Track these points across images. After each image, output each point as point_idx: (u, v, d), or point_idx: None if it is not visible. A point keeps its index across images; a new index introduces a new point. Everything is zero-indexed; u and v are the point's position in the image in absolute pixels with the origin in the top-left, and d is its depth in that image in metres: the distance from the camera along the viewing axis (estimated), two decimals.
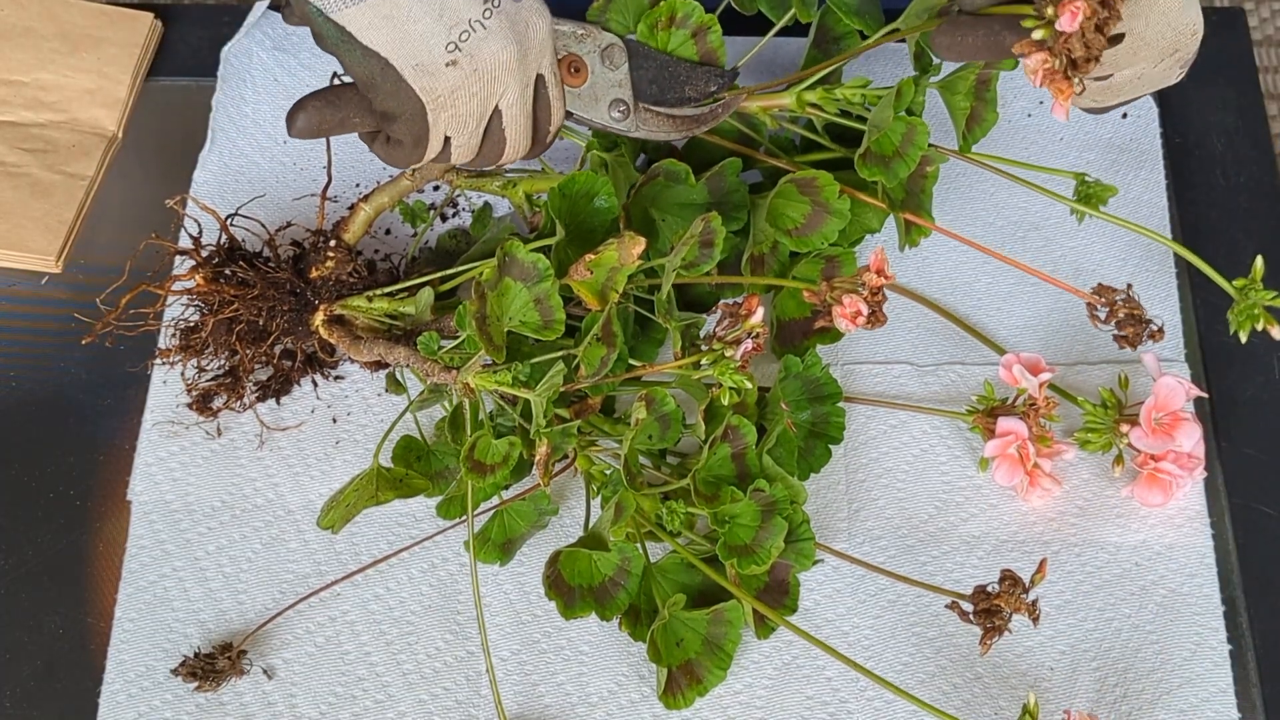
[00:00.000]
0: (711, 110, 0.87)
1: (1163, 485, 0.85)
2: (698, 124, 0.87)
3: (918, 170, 0.91)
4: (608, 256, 0.80)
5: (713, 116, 0.87)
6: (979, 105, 0.90)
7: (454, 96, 0.76)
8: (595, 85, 0.84)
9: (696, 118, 0.87)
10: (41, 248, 0.97)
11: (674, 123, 0.87)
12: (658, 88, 0.86)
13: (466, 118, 0.77)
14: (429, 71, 0.74)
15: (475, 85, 0.76)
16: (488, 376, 0.79)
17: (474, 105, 0.77)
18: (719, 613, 0.80)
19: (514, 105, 0.79)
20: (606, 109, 0.85)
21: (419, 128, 0.77)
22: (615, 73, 0.84)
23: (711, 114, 0.87)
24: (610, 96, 0.85)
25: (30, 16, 1.06)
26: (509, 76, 0.77)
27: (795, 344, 0.91)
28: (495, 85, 0.77)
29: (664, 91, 0.86)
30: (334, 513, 0.82)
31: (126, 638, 0.84)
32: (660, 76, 0.86)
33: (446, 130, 0.78)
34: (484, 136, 0.80)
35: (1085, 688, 0.82)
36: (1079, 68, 0.69)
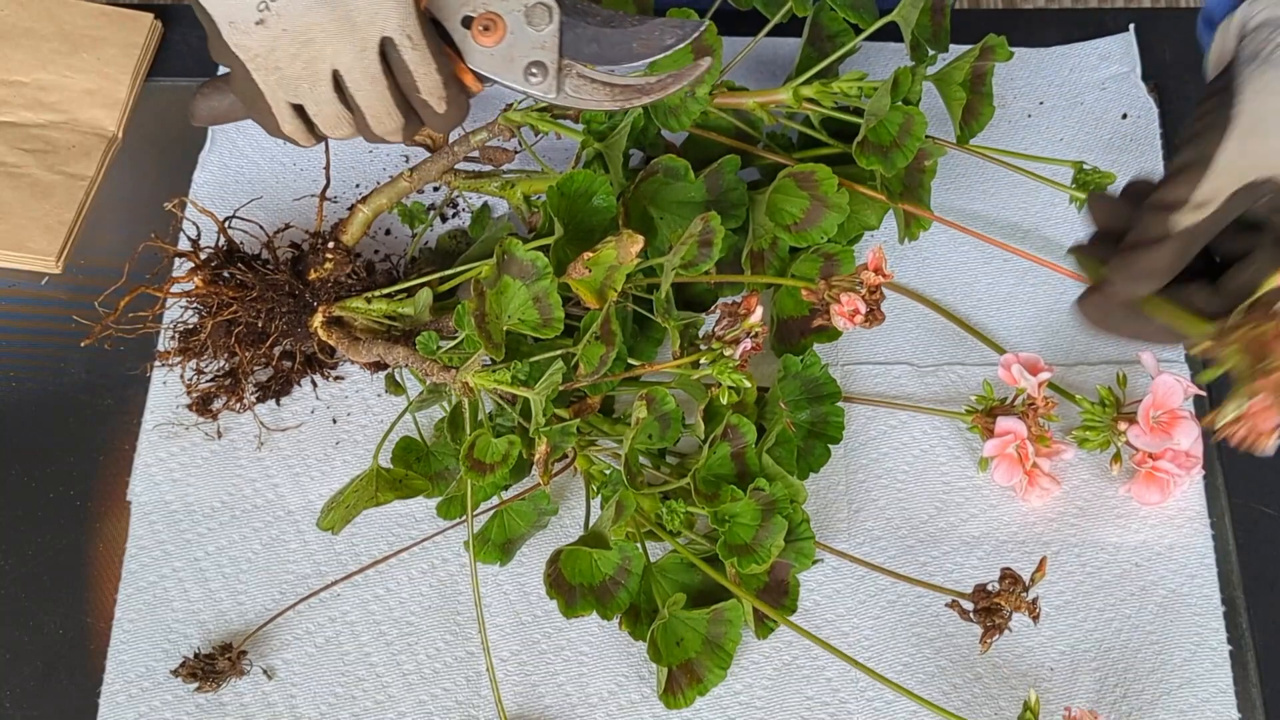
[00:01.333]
0: (660, 80, 0.80)
1: (1160, 484, 0.85)
2: (641, 94, 0.80)
3: (915, 164, 0.91)
4: (606, 255, 0.80)
5: (659, 86, 0.80)
6: (975, 98, 0.90)
7: (271, 57, 0.73)
8: (513, 45, 0.78)
9: (640, 87, 0.80)
10: (41, 248, 0.97)
11: (610, 90, 0.79)
12: (599, 46, 0.79)
13: (297, 81, 0.74)
14: (241, 29, 0.72)
15: (290, 46, 0.73)
16: (487, 375, 0.79)
17: (298, 68, 0.74)
18: (719, 612, 0.80)
19: (353, 69, 0.74)
20: (522, 71, 0.78)
21: (250, 87, 0.75)
22: (539, 32, 0.78)
23: (659, 84, 0.80)
24: (528, 58, 0.78)
25: (30, 16, 1.06)
26: (328, 38, 0.73)
27: (794, 342, 0.91)
28: (314, 47, 0.73)
29: (608, 49, 0.79)
30: (334, 513, 0.82)
31: (126, 638, 0.84)
32: (604, 32, 0.79)
33: (286, 96, 0.75)
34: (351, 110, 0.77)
35: (1085, 688, 0.82)
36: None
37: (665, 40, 0.79)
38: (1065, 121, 1.03)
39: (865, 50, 1.02)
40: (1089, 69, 1.05)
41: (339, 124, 0.78)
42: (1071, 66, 1.05)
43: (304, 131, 0.78)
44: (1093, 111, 1.03)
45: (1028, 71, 1.05)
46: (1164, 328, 0.70)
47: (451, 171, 0.92)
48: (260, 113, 0.77)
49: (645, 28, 0.79)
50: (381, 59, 0.75)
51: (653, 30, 0.79)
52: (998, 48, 0.89)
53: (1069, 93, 1.04)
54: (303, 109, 0.77)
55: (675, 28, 0.79)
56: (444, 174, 0.91)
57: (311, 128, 0.78)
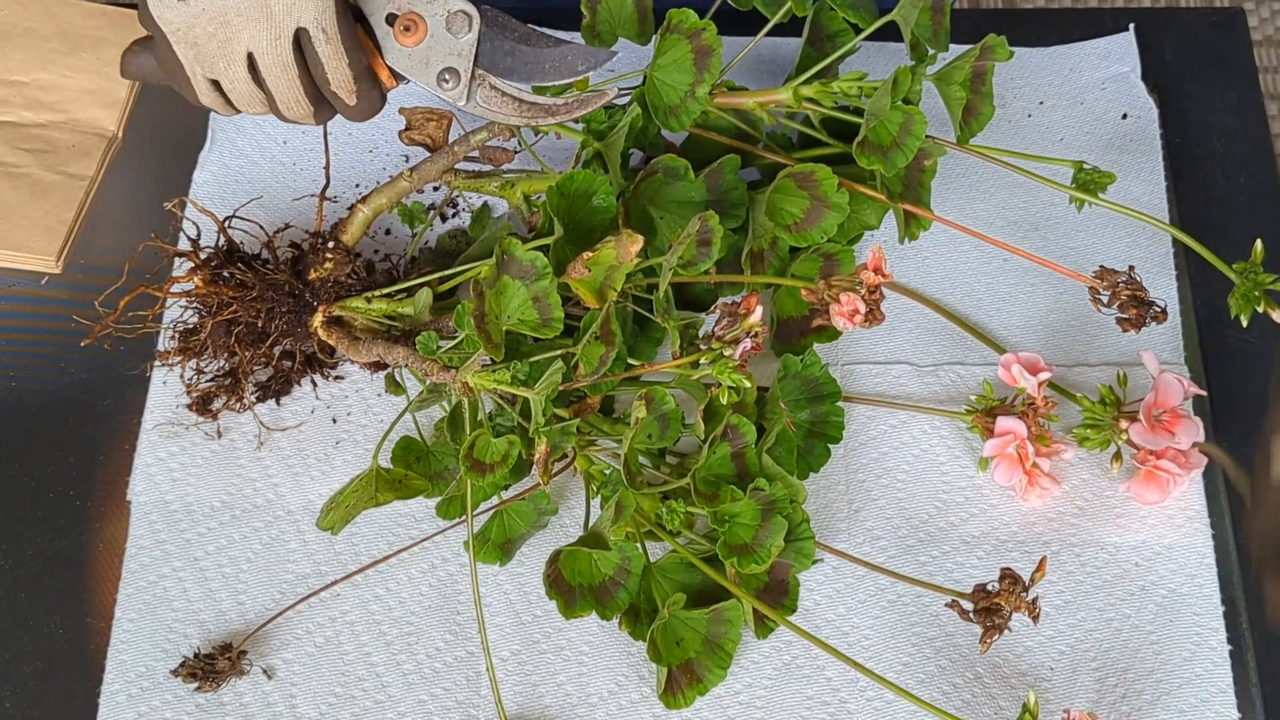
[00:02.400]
0: (566, 102, 0.82)
1: (1160, 483, 0.85)
2: (547, 113, 0.82)
3: (915, 163, 0.91)
4: (606, 254, 0.80)
5: (565, 109, 0.82)
6: (975, 98, 0.90)
7: (190, 33, 0.76)
8: (430, 49, 0.80)
9: (547, 107, 0.82)
10: (41, 248, 0.97)
11: (519, 106, 0.82)
12: (513, 61, 0.81)
13: (213, 59, 0.77)
14: (164, 2, 0.75)
15: (208, 25, 0.75)
16: (486, 375, 0.79)
17: (214, 46, 0.76)
18: (719, 612, 0.80)
19: (266, 54, 0.77)
20: (435, 76, 0.80)
21: (171, 58, 0.77)
22: (457, 40, 0.80)
23: (565, 106, 0.82)
24: (443, 64, 0.80)
25: (30, 16, 1.06)
26: (245, 22, 0.75)
27: (794, 341, 0.91)
28: (230, 29, 0.75)
29: (522, 66, 0.81)
30: (334, 513, 0.82)
31: (126, 638, 0.84)
32: (520, 49, 0.81)
33: (203, 71, 0.78)
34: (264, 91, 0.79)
35: (1085, 688, 0.82)
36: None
37: (576, 66, 0.82)
38: (1065, 121, 1.03)
39: (865, 50, 1.02)
40: (1089, 69, 1.05)
41: (253, 103, 0.80)
42: (1071, 66, 1.05)
43: (222, 104, 0.81)
44: (1093, 111, 1.03)
45: (1028, 71, 1.05)
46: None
47: (451, 171, 0.92)
48: (179, 83, 0.80)
49: (559, 51, 0.81)
50: (295, 48, 0.77)
51: (565, 54, 0.81)
52: (998, 47, 0.89)
53: (1069, 93, 1.04)
54: (219, 84, 0.79)
55: (588, 55, 0.82)
56: (444, 174, 0.91)
57: (228, 101, 0.80)
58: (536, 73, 0.82)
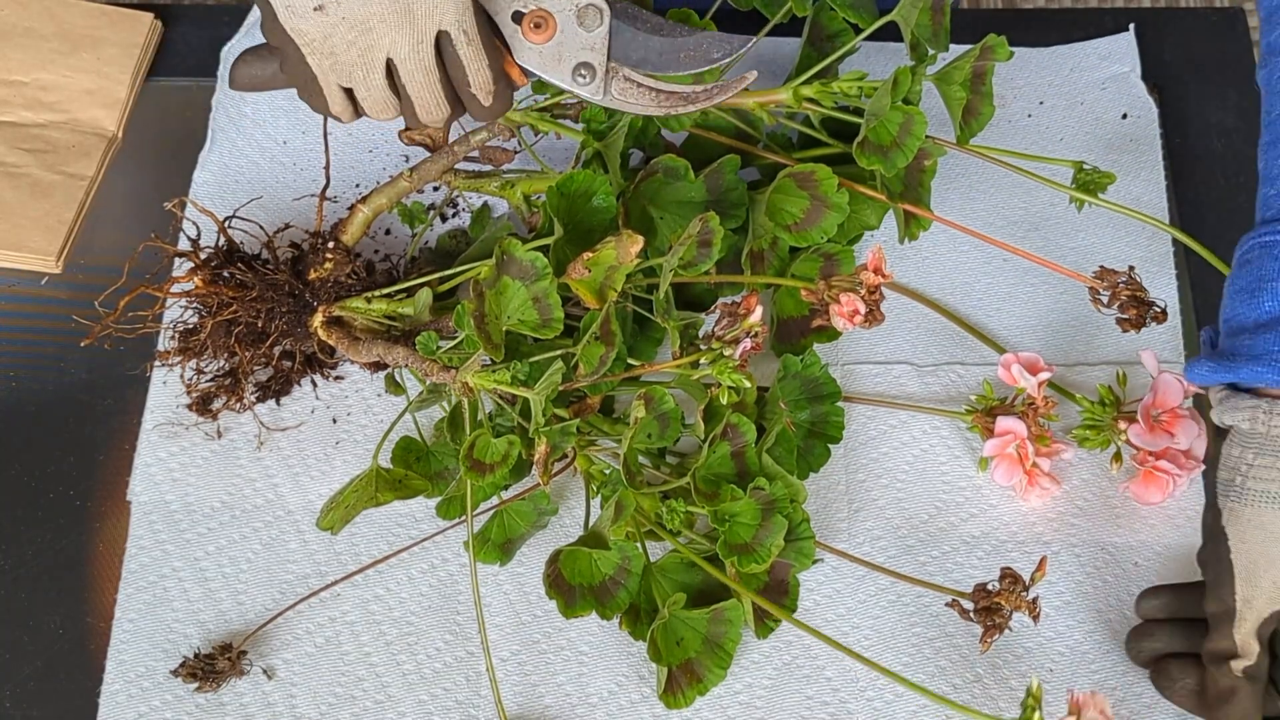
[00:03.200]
0: (706, 90, 0.81)
1: (1160, 483, 0.85)
2: (685, 101, 0.81)
3: (915, 163, 0.91)
4: (606, 255, 0.80)
5: (705, 96, 0.81)
6: (975, 98, 0.90)
7: (327, 43, 0.74)
8: (562, 44, 0.78)
9: (686, 95, 0.81)
10: (41, 248, 0.97)
11: (656, 96, 0.81)
12: (650, 51, 0.80)
13: (351, 67, 0.75)
14: (298, 13, 0.73)
15: (348, 34, 0.73)
16: (486, 375, 0.79)
17: (353, 55, 0.74)
18: (719, 612, 0.80)
19: (408, 60, 0.75)
20: (570, 71, 0.79)
21: (304, 71, 0.76)
22: (589, 34, 0.79)
23: (705, 93, 0.81)
24: (577, 59, 0.79)
25: (30, 16, 1.06)
26: (387, 28, 0.73)
27: (794, 342, 0.91)
28: (372, 36, 0.74)
29: (656, 56, 0.80)
30: (333, 513, 0.82)
31: (126, 638, 0.84)
32: (654, 39, 0.80)
33: (338, 80, 0.76)
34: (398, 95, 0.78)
35: (1085, 688, 0.82)
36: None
37: (712, 54, 0.80)
38: (1065, 121, 1.03)
39: (865, 50, 1.02)
40: (1089, 69, 1.05)
41: (385, 109, 0.78)
42: (1071, 66, 1.05)
43: (350, 111, 0.79)
44: (1093, 111, 1.03)
45: (1028, 71, 1.05)
46: None
47: (451, 171, 0.92)
48: (311, 95, 0.78)
49: (693, 39, 0.80)
50: (435, 51, 0.75)
51: (700, 43, 0.80)
52: (998, 47, 0.89)
53: (1069, 93, 1.04)
54: (352, 92, 0.77)
55: (723, 42, 0.80)
56: (444, 174, 0.91)
57: (357, 108, 0.79)
58: (671, 63, 0.80)
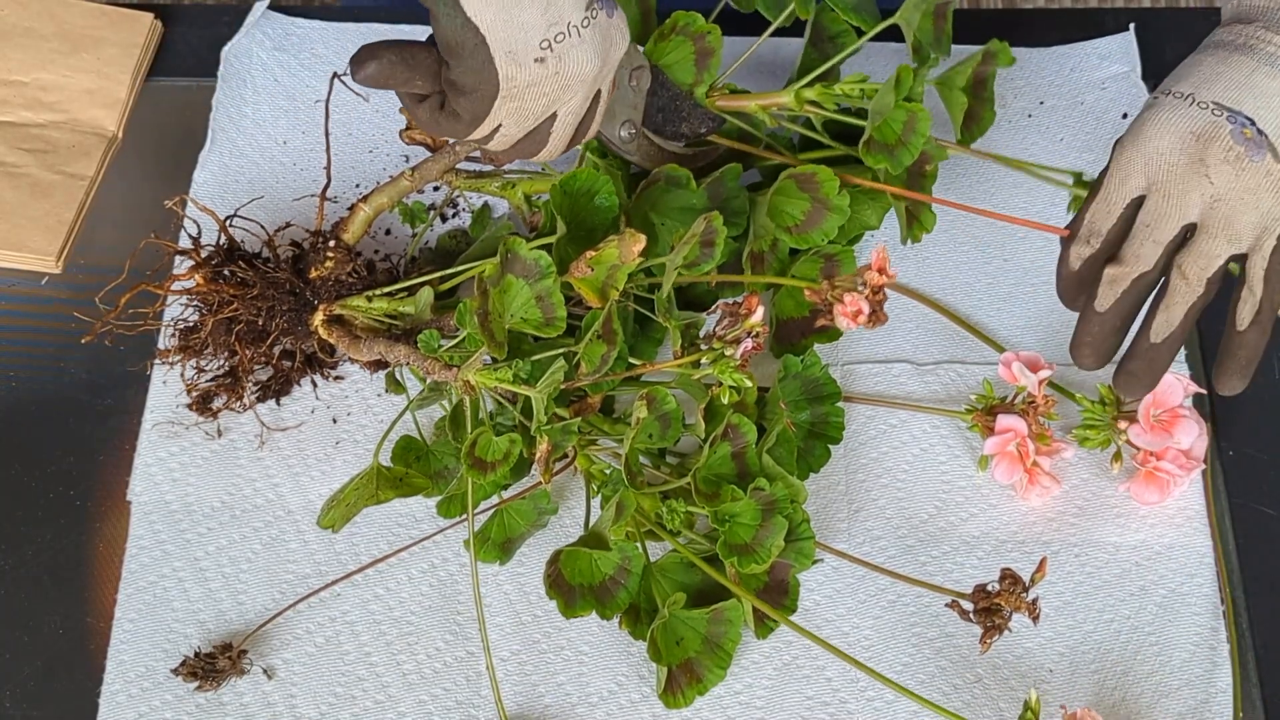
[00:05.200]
0: (694, 154, 0.91)
1: (1160, 483, 0.85)
2: (687, 162, 0.89)
3: (917, 168, 0.91)
4: (608, 254, 0.80)
5: (703, 156, 0.91)
6: (976, 104, 0.90)
7: (528, 92, 0.76)
8: (618, 101, 0.85)
9: (688, 156, 0.90)
10: (41, 248, 0.97)
11: (664, 155, 0.90)
12: (662, 117, 0.88)
13: (528, 114, 0.77)
14: (518, 61, 0.74)
15: (550, 87, 0.76)
16: (488, 373, 0.79)
17: (540, 105, 0.77)
18: (719, 612, 0.80)
19: (571, 114, 0.79)
20: (619, 126, 0.86)
21: (482, 109, 0.76)
22: (635, 95, 0.85)
23: (702, 154, 0.91)
24: (624, 116, 0.86)
25: (30, 16, 1.06)
26: (582, 86, 0.77)
27: (794, 342, 0.91)
28: (567, 92, 0.77)
29: (666, 122, 0.88)
30: (334, 512, 0.82)
31: (126, 638, 0.84)
32: (667, 107, 0.88)
33: (505, 120, 0.77)
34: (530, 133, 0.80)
35: (1085, 689, 0.82)
36: None
37: (699, 129, 0.90)
38: (1065, 122, 1.03)
39: (867, 52, 1.02)
40: (1089, 69, 1.05)
41: (511, 144, 0.80)
42: (1071, 66, 1.05)
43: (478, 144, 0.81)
44: (1093, 111, 1.03)
45: (1028, 71, 1.05)
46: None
47: (452, 171, 0.92)
48: (469, 125, 0.77)
49: (694, 114, 0.89)
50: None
51: (697, 117, 0.90)
52: (1000, 53, 0.90)
53: (1069, 93, 1.04)
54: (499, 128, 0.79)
55: (710, 119, 0.90)
56: (445, 173, 0.91)
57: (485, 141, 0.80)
58: (673, 133, 0.89)
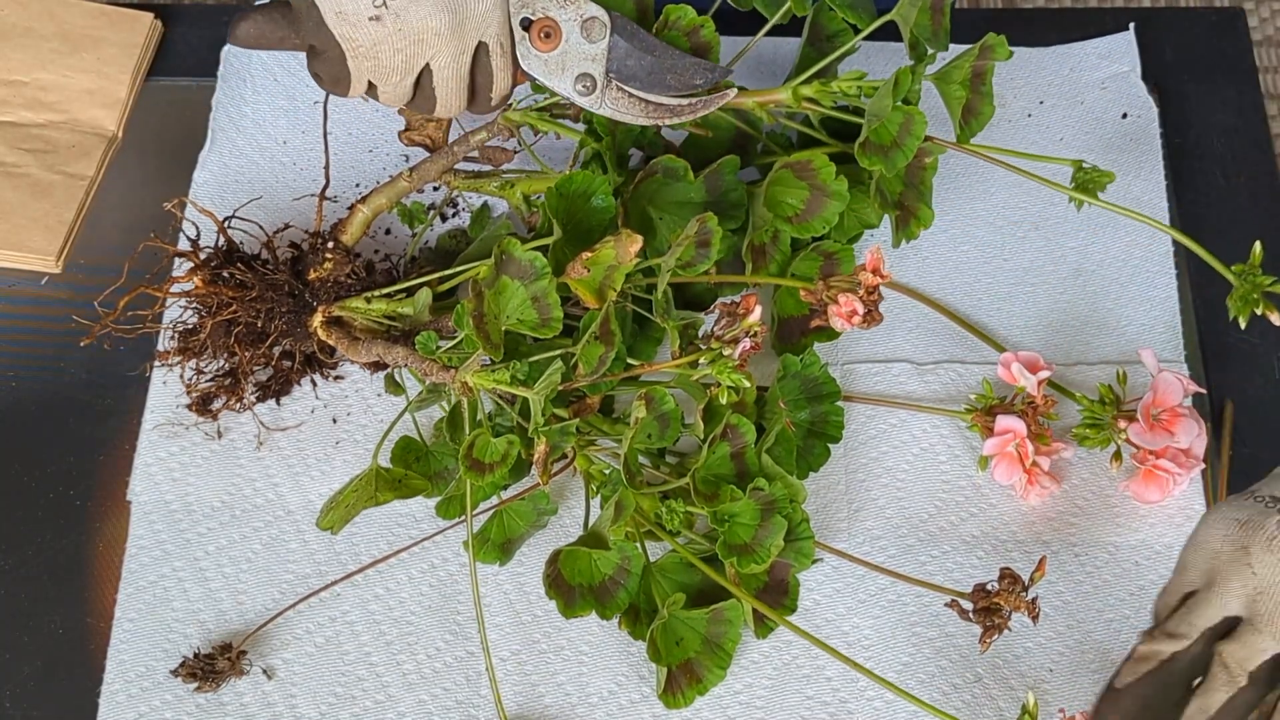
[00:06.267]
0: (690, 104, 0.85)
1: (1160, 482, 0.85)
2: (671, 114, 0.85)
3: (916, 161, 0.91)
4: (605, 254, 0.80)
5: (689, 109, 0.85)
6: (975, 98, 0.90)
7: (375, 50, 0.76)
8: (566, 54, 0.82)
9: (672, 108, 0.84)
10: (41, 248, 0.97)
11: (645, 107, 0.85)
12: (640, 68, 0.84)
13: (390, 71, 0.78)
14: (350, 21, 0.75)
15: (399, 43, 0.76)
16: (486, 375, 0.79)
17: (398, 61, 0.77)
18: (718, 612, 0.80)
19: (446, 68, 0.79)
20: (572, 81, 0.83)
21: (338, 69, 0.78)
22: (592, 46, 0.82)
23: (690, 107, 0.85)
24: (579, 69, 0.83)
25: (30, 16, 1.06)
26: (439, 41, 0.77)
27: (794, 341, 0.91)
28: (422, 47, 0.77)
29: (645, 74, 0.84)
30: (333, 513, 0.82)
31: (126, 638, 0.84)
32: (645, 58, 0.83)
33: (370, 77, 0.79)
34: (416, 89, 0.80)
35: (1084, 689, 0.82)
36: None
37: (694, 80, 0.84)
38: (1065, 121, 1.03)
39: (864, 50, 1.02)
40: (1089, 69, 1.05)
41: (401, 102, 0.81)
42: (1071, 66, 1.05)
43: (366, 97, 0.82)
44: (1093, 111, 1.03)
45: (1028, 71, 1.05)
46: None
47: (451, 171, 0.92)
48: (337, 86, 0.80)
49: (681, 63, 0.84)
50: (473, 60, 0.79)
51: (686, 68, 0.84)
52: (997, 47, 0.89)
53: (1069, 92, 1.04)
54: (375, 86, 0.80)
55: (706, 70, 0.84)
56: (444, 174, 0.91)
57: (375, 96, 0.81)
58: (658, 83, 0.84)
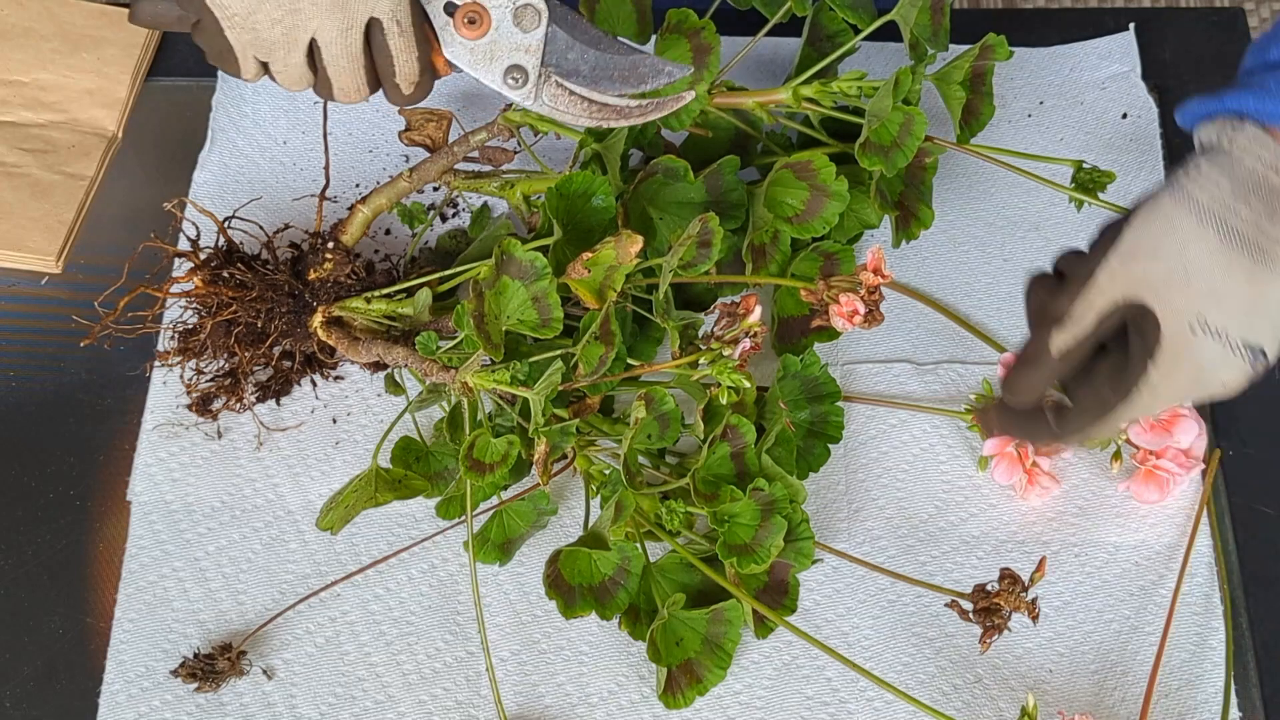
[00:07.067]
0: (640, 105, 0.78)
1: (1160, 482, 0.85)
2: (618, 115, 0.78)
3: (916, 161, 0.91)
4: (605, 255, 0.80)
5: (639, 111, 0.78)
6: (975, 98, 0.90)
7: (250, 20, 0.72)
8: (495, 44, 0.76)
9: (619, 109, 0.77)
10: (41, 248, 0.97)
11: (588, 107, 0.78)
12: (582, 62, 0.77)
13: (272, 45, 0.73)
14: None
15: (274, 12, 0.71)
16: (486, 375, 0.79)
17: (277, 33, 0.72)
18: (718, 612, 0.80)
19: (333, 44, 0.73)
20: (501, 73, 0.76)
21: (219, 42, 0.73)
22: (525, 36, 0.76)
23: (640, 109, 0.78)
24: (510, 60, 0.76)
25: (30, 16, 1.06)
26: (318, 11, 0.72)
27: (795, 341, 0.91)
28: (300, 17, 0.72)
29: (588, 69, 0.77)
30: (333, 513, 0.82)
31: (126, 638, 0.84)
32: (589, 52, 0.77)
33: (254, 53, 0.74)
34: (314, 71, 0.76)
35: (1084, 689, 0.82)
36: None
37: (646, 78, 0.77)
38: (1065, 121, 1.03)
39: (864, 50, 1.02)
40: (1089, 69, 1.05)
41: (300, 83, 0.77)
42: (1071, 66, 1.05)
43: (261, 78, 0.77)
44: (1093, 111, 1.03)
45: (1028, 71, 1.05)
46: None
47: (451, 171, 0.92)
48: (224, 62, 0.75)
49: (629, 60, 0.77)
50: (365, 37, 0.74)
51: (636, 64, 0.77)
52: (997, 47, 0.89)
53: (1069, 93, 1.04)
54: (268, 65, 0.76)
55: (658, 67, 0.77)
56: (443, 174, 0.91)
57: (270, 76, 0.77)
58: (603, 78, 0.77)
